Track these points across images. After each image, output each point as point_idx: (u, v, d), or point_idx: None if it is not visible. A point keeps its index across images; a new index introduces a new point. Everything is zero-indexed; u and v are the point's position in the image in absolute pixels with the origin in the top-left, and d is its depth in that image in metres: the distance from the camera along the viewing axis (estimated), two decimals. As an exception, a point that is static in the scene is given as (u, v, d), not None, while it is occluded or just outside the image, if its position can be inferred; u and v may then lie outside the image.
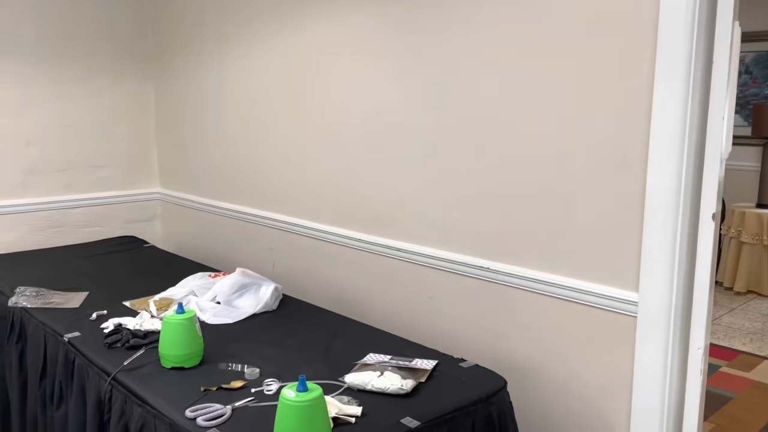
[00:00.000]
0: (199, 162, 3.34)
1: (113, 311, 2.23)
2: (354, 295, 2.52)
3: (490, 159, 1.97)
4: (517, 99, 1.88)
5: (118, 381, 1.72)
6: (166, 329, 1.77)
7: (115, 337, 1.95)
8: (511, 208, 1.94)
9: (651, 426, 1.69)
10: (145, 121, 3.63)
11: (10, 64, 3.12)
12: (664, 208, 1.60)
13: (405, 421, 1.47)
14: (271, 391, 1.62)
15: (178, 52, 3.37)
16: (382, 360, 1.78)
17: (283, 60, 2.70)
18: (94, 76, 3.40)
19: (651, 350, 1.67)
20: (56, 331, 2.06)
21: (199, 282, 2.45)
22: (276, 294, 2.31)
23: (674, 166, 1.57)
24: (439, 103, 2.09)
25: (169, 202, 3.64)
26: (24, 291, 2.43)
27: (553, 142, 1.81)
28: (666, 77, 1.56)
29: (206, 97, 3.20)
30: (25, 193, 3.25)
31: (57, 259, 2.98)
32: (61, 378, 1.99)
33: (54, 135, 3.31)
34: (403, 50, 2.18)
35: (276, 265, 2.91)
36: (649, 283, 1.65)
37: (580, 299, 1.80)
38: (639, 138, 1.63)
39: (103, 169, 3.50)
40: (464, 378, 1.70)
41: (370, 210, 2.40)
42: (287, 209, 2.80)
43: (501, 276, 1.98)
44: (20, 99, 3.17)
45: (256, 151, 2.93)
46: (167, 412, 1.53)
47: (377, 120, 2.31)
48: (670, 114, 1.56)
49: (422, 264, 2.22)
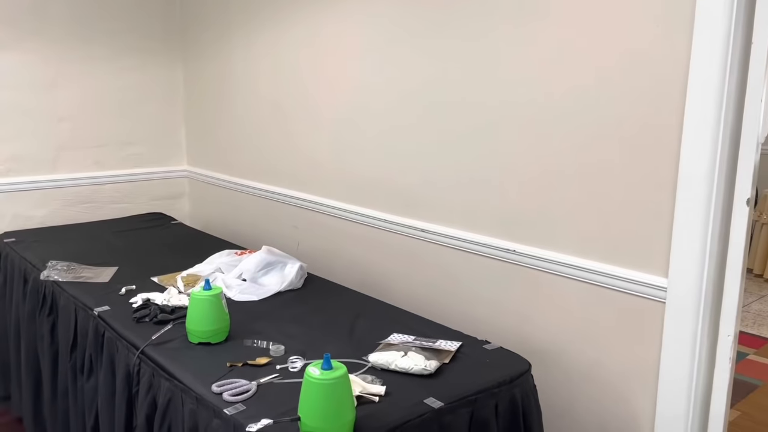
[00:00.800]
0: (226, 140, 3.36)
1: (142, 286, 2.27)
2: (378, 276, 2.53)
3: (517, 140, 1.95)
4: (546, 79, 1.85)
5: (146, 355, 1.75)
6: (193, 305, 1.79)
7: (144, 312, 1.99)
8: (539, 190, 1.92)
9: (677, 413, 1.67)
10: (174, 100, 3.65)
11: (43, 42, 3.16)
12: (696, 192, 1.56)
13: (428, 402, 1.47)
14: (295, 369, 1.64)
15: (207, 31, 3.37)
16: (406, 340, 1.78)
17: (310, 39, 2.69)
18: (124, 55, 3.42)
19: (679, 337, 1.64)
20: (86, 304, 2.11)
21: (226, 259, 2.47)
22: (301, 272, 2.32)
23: (708, 149, 1.53)
24: (465, 83, 2.07)
25: (197, 180, 3.67)
26: (55, 265, 2.48)
27: (583, 124, 1.78)
28: (702, 58, 1.51)
29: (234, 76, 3.21)
30: (56, 169, 3.30)
31: (87, 234, 3.03)
32: (91, 350, 2.03)
33: (85, 112, 3.35)
34: (431, 29, 2.16)
35: (301, 244, 2.92)
36: (679, 269, 1.62)
37: (608, 284, 1.78)
38: (672, 120, 1.60)
39: (133, 146, 3.54)
40: (488, 360, 1.70)
41: (396, 190, 2.39)
42: (313, 188, 2.80)
43: (527, 259, 1.97)
44: (53, 77, 3.21)
45: (282, 130, 2.93)
46: (194, 387, 1.55)
47: (405, 101, 2.29)
48: (705, 96, 1.52)
49: (447, 245, 2.21)
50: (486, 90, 2.02)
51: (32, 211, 3.23)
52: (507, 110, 1.96)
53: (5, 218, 3.15)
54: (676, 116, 1.59)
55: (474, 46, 2.03)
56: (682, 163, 1.58)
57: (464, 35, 2.05)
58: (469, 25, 2.03)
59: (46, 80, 3.20)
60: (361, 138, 2.51)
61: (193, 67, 3.55)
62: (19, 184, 3.18)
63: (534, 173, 1.92)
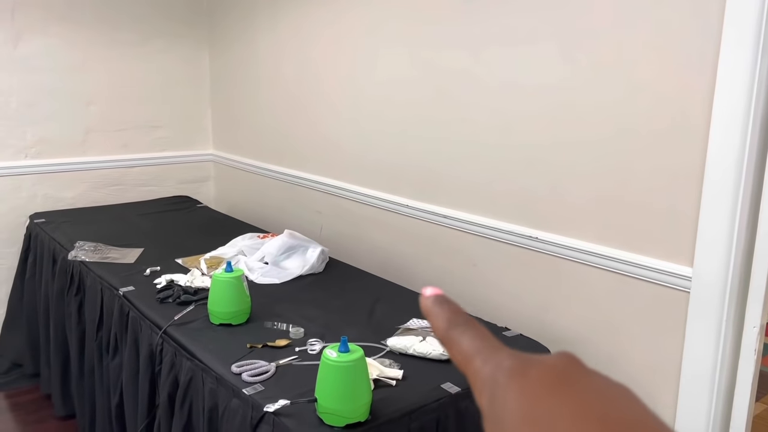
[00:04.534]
0: (251, 125, 3.38)
1: (166, 268, 2.30)
2: (399, 261, 2.53)
3: (541, 127, 1.92)
4: (571, 68, 1.81)
5: (169, 335, 1.78)
6: (215, 287, 1.81)
7: (167, 293, 2.01)
8: (562, 177, 1.89)
9: (699, 406, 1.65)
10: (200, 84, 3.68)
11: (72, 26, 3.20)
12: (724, 179, 1.53)
13: (445, 386, 1.47)
14: (314, 351, 1.65)
15: (232, 14, 3.38)
16: (424, 325, 1.78)
17: (335, 22, 2.68)
18: (151, 38, 3.45)
19: (703, 327, 1.62)
20: (112, 284, 2.14)
21: (248, 242, 2.49)
22: (322, 257, 2.33)
23: (738, 136, 1.50)
24: (489, 70, 2.04)
25: (222, 164, 3.70)
26: (83, 245, 2.53)
27: (608, 110, 1.75)
28: (733, 42, 1.47)
29: (259, 60, 3.22)
30: (85, 152, 3.35)
31: (114, 216, 3.09)
32: (116, 330, 2.07)
33: (113, 96, 3.39)
34: (460, 16, 2.13)
35: (324, 228, 2.93)
36: (705, 258, 1.59)
37: (632, 272, 1.75)
38: (701, 107, 1.56)
39: (160, 130, 3.57)
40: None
41: (418, 176, 2.38)
42: (337, 174, 2.81)
43: (550, 246, 1.94)
44: (81, 61, 3.26)
45: (307, 114, 2.94)
46: (214, 367, 1.58)
47: (427, 87, 2.28)
48: (735, 82, 1.48)
49: (469, 231, 2.20)
50: (510, 77, 1.99)
51: (62, 192, 3.29)
52: (531, 98, 1.94)
53: (36, 199, 3.22)
54: (704, 103, 1.55)
55: (496, 33, 2.00)
56: (710, 150, 1.54)
57: (490, 24, 2.03)
58: (491, 13, 2.00)
59: (75, 64, 3.25)
60: (385, 123, 2.50)
61: (218, 51, 3.57)
62: (49, 165, 3.24)
63: (557, 160, 1.90)
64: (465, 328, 0.33)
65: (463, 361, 0.32)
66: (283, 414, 1.35)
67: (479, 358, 0.31)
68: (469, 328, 0.33)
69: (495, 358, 0.30)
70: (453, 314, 0.34)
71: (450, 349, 0.33)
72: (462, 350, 0.32)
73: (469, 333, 0.32)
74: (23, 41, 3.09)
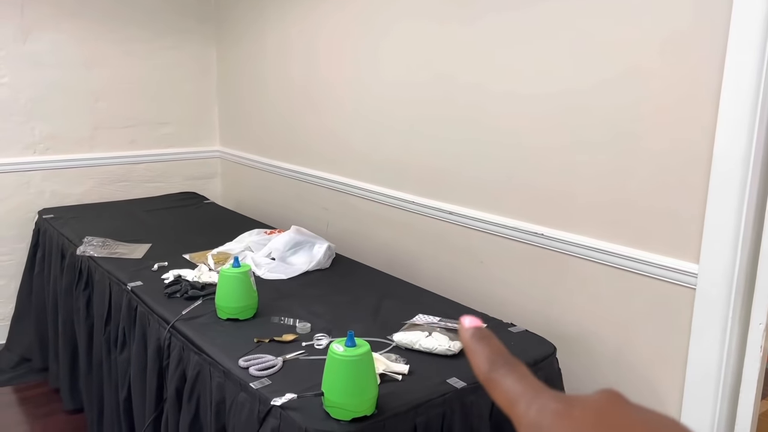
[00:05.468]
0: (258, 122, 3.39)
1: (173, 263, 2.31)
2: (405, 257, 2.53)
3: (547, 125, 1.92)
4: (578, 66, 1.82)
5: (177, 329, 1.79)
6: (223, 282, 1.82)
7: (175, 288, 2.03)
8: (569, 174, 1.89)
9: (704, 402, 1.65)
10: (207, 81, 3.69)
11: (81, 23, 3.22)
12: (731, 176, 1.53)
13: (451, 381, 1.48)
14: (320, 346, 1.66)
15: (240, 11, 3.39)
16: (430, 321, 1.79)
17: (343, 19, 2.68)
18: (160, 35, 3.47)
19: (709, 324, 1.62)
20: (120, 279, 2.16)
21: (255, 238, 2.50)
22: (329, 252, 2.34)
23: (744, 133, 1.50)
24: (494, 68, 2.05)
25: (229, 161, 3.72)
26: (91, 241, 2.54)
27: (615, 109, 1.75)
28: (739, 35, 1.47)
29: (266, 57, 3.23)
30: (93, 148, 3.37)
31: (122, 211, 3.10)
32: (124, 324, 2.08)
33: (121, 92, 3.41)
34: (468, 15, 2.13)
35: (330, 225, 2.94)
36: (711, 255, 1.59)
37: (637, 269, 1.75)
38: (707, 103, 1.56)
39: (167, 126, 3.59)
40: (513, 342, 1.70)
41: (425, 173, 2.39)
42: (344, 170, 2.81)
43: (555, 243, 1.95)
44: (90, 57, 3.28)
45: (314, 111, 2.94)
46: (222, 361, 1.59)
47: (434, 84, 2.28)
48: (742, 77, 1.48)
49: (474, 228, 2.21)
50: (517, 77, 1.99)
51: (70, 188, 3.32)
52: (538, 97, 1.94)
53: (44, 195, 3.24)
54: (711, 100, 1.55)
55: (503, 31, 2.00)
56: (717, 147, 1.54)
57: (494, 21, 2.03)
58: (499, 11, 2.01)
59: (84, 60, 3.26)
60: (392, 120, 2.50)
61: (226, 47, 3.58)
62: (57, 162, 3.26)
63: (563, 156, 1.90)
64: (507, 370, 0.33)
65: (506, 403, 0.32)
66: (290, 408, 1.36)
67: (523, 402, 0.31)
68: (510, 370, 0.33)
69: (539, 401, 0.31)
70: (494, 354, 0.34)
71: (492, 391, 0.33)
72: (505, 393, 0.32)
73: (511, 376, 0.33)
74: (33, 37, 3.11)
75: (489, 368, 0.34)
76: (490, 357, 0.34)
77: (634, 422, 0.27)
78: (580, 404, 0.29)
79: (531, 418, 0.30)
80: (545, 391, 0.31)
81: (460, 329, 0.36)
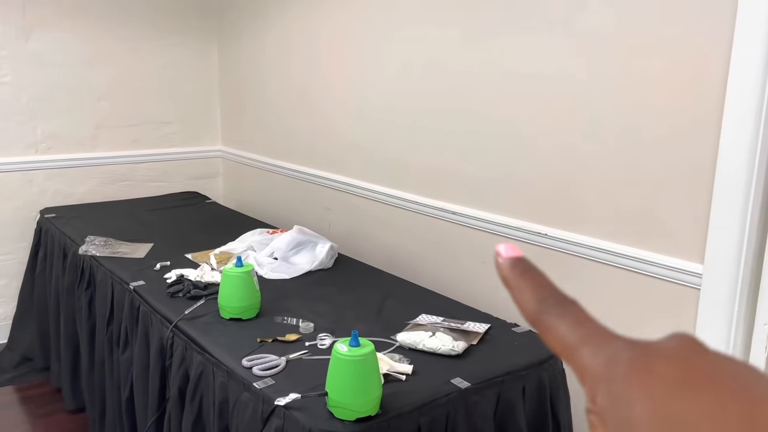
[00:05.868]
0: (260, 121, 3.39)
1: (176, 263, 2.31)
2: (408, 257, 2.53)
3: (550, 124, 1.92)
4: (580, 64, 1.81)
5: (180, 329, 1.79)
6: (225, 281, 1.82)
7: (177, 287, 2.02)
8: (572, 174, 1.89)
9: (709, 401, 1.64)
10: (209, 80, 3.69)
11: (83, 21, 3.22)
12: (736, 176, 1.52)
13: (455, 382, 1.47)
14: (324, 345, 1.66)
15: (241, 9, 3.39)
16: (434, 321, 1.79)
17: (343, 18, 2.68)
18: (161, 35, 3.46)
19: (713, 325, 1.61)
20: (123, 279, 2.16)
21: (258, 238, 2.50)
22: (331, 252, 2.34)
23: (749, 133, 1.49)
24: (498, 67, 2.04)
25: (231, 160, 3.71)
26: (93, 240, 2.54)
27: (619, 107, 1.74)
28: (745, 36, 1.47)
29: (268, 56, 3.22)
30: (95, 147, 3.37)
31: (124, 211, 3.10)
32: (126, 324, 2.08)
33: (123, 91, 3.40)
34: (468, 12, 2.13)
35: (332, 224, 2.94)
36: (716, 255, 1.58)
37: (641, 269, 1.75)
38: (713, 103, 1.55)
39: (169, 125, 3.59)
40: (516, 343, 1.70)
41: (427, 173, 2.38)
42: (346, 170, 2.81)
43: (559, 243, 1.94)
44: (92, 56, 3.27)
45: (316, 111, 2.94)
46: (225, 361, 1.58)
47: (437, 82, 2.28)
48: (747, 76, 1.47)
49: (477, 228, 2.20)
50: (519, 77, 1.99)
51: (72, 187, 3.31)
52: (541, 96, 1.93)
53: (46, 194, 3.24)
54: (716, 99, 1.55)
55: (505, 29, 2.00)
56: (722, 146, 1.54)
57: (496, 18, 2.02)
58: (500, 8, 2.00)
59: (86, 59, 3.26)
60: (394, 120, 2.50)
61: (227, 48, 3.58)
62: (59, 161, 3.26)
63: (566, 156, 1.89)
64: (561, 310, 0.28)
65: (564, 350, 0.27)
66: (294, 407, 1.35)
67: (587, 350, 0.27)
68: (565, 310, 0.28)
69: (608, 349, 0.26)
70: (542, 290, 0.29)
71: (544, 334, 0.28)
72: (562, 338, 0.27)
73: (568, 317, 0.28)
74: (34, 36, 3.11)
75: (538, 307, 0.28)
76: (537, 293, 0.29)
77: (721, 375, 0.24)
78: (659, 355, 0.25)
79: (599, 369, 0.26)
80: (614, 337, 0.26)
81: (497, 261, 0.31)
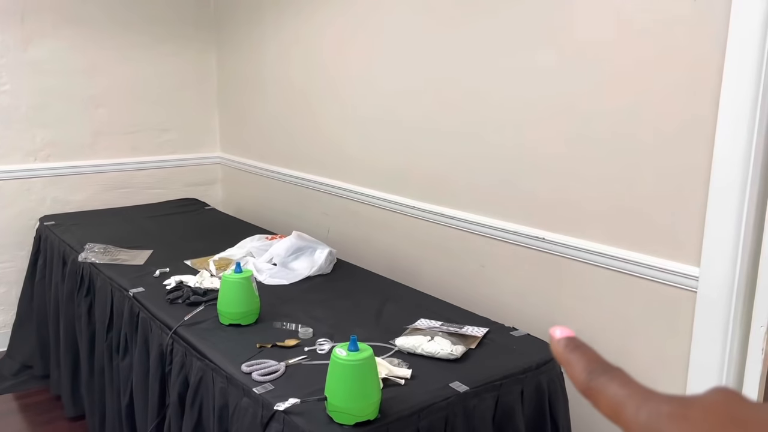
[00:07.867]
0: (258, 127, 3.40)
1: (175, 269, 2.32)
2: (406, 262, 2.54)
3: (548, 129, 1.93)
4: (577, 67, 1.82)
5: (179, 335, 1.80)
6: (225, 287, 1.82)
7: (177, 294, 2.03)
8: (569, 178, 1.90)
9: (706, 403, 1.65)
10: (208, 87, 3.70)
11: (82, 30, 3.23)
12: (731, 179, 1.54)
13: (454, 385, 1.48)
14: (323, 351, 1.66)
15: (239, 18, 3.41)
16: (433, 325, 1.79)
17: (342, 25, 2.70)
18: (160, 41, 3.48)
19: (710, 327, 1.62)
20: (122, 286, 2.16)
21: (257, 244, 2.51)
22: (330, 258, 2.35)
23: (744, 136, 1.50)
24: (493, 71, 2.06)
25: (230, 167, 3.72)
26: (93, 247, 2.55)
27: (614, 112, 1.76)
28: (739, 40, 1.48)
29: (266, 63, 3.24)
30: (94, 155, 3.38)
31: (123, 218, 3.11)
32: (126, 330, 2.09)
33: (121, 99, 3.42)
34: (467, 20, 2.15)
35: (331, 230, 2.95)
36: (712, 258, 1.60)
37: (638, 272, 1.76)
38: (708, 107, 1.57)
39: (167, 132, 3.60)
40: (515, 346, 1.70)
41: (425, 178, 2.39)
42: (344, 176, 2.82)
43: (556, 247, 1.95)
44: (91, 63, 3.29)
45: (314, 117, 2.95)
46: (224, 366, 1.59)
47: (434, 89, 2.29)
48: (742, 80, 1.49)
49: (476, 232, 2.21)
50: (517, 81, 2.00)
51: (71, 195, 3.32)
52: (538, 101, 1.95)
53: (45, 202, 3.24)
54: (711, 103, 1.56)
55: (503, 35, 2.01)
56: (717, 150, 1.55)
57: (494, 25, 2.04)
58: (499, 15, 2.02)
59: (84, 67, 3.28)
60: (392, 126, 2.51)
61: (226, 54, 3.60)
62: (58, 168, 3.27)
63: (564, 161, 1.91)
64: (608, 377, 0.32)
65: (612, 411, 0.30)
66: (294, 412, 1.36)
67: (631, 406, 0.30)
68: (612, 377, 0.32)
69: (649, 404, 0.29)
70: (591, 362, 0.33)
71: (595, 400, 0.32)
72: (610, 400, 0.31)
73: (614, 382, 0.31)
74: (33, 44, 3.12)
75: (588, 377, 0.32)
76: (587, 366, 0.33)
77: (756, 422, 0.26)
78: (697, 405, 0.28)
79: (642, 422, 0.29)
80: (655, 394, 0.30)
81: (551, 341, 0.35)
